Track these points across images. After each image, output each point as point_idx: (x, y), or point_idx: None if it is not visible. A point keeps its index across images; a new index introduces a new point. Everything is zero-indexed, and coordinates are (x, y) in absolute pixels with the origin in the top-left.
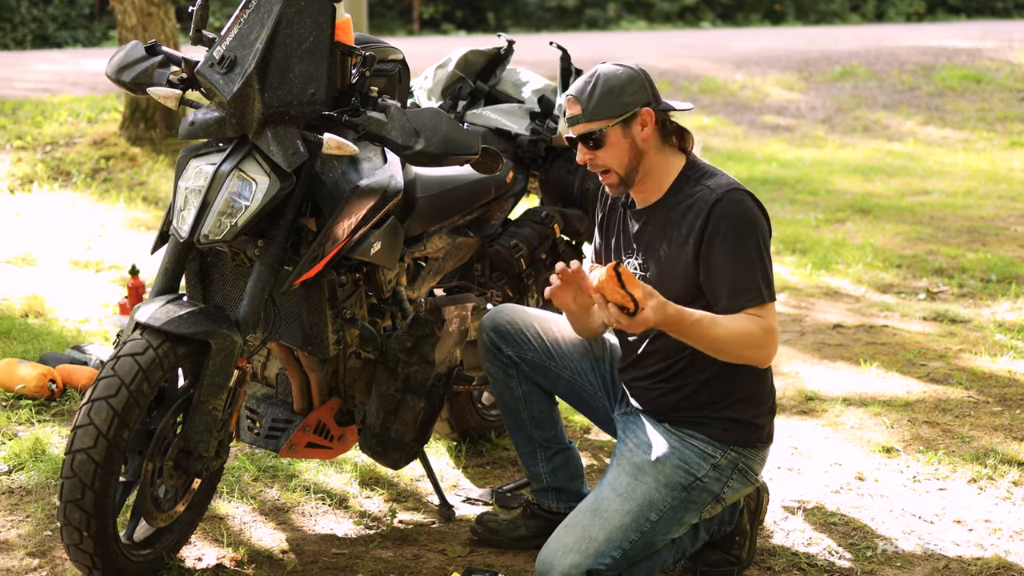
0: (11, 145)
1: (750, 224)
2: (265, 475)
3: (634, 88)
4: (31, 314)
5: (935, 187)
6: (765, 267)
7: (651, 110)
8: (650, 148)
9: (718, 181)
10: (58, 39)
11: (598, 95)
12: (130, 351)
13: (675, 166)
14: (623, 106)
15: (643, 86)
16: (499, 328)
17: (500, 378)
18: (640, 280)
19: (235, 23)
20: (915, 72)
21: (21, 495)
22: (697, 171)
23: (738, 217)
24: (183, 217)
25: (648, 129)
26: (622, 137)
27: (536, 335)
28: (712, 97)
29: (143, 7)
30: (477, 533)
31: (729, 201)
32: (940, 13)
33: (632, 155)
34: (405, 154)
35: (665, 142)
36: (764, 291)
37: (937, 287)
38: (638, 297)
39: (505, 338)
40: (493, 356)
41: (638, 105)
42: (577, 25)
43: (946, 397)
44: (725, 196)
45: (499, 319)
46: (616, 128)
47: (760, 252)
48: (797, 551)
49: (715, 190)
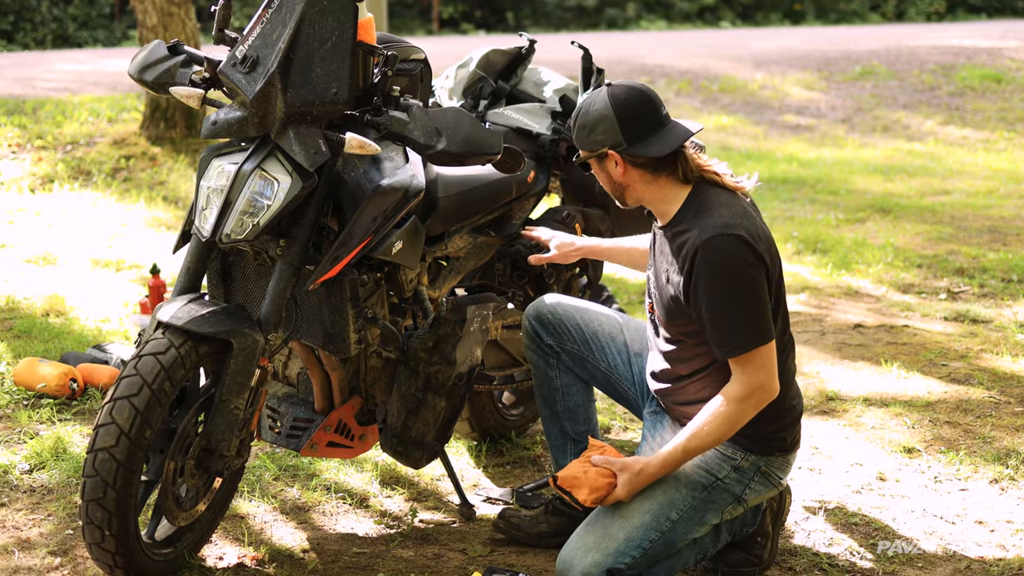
0: (32, 145)
1: (732, 273)
2: (286, 474)
3: (603, 128)
4: (52, 313)
5: (956, 187)
6: (750, 313)
7: (617, 153)
8: (632, 182)
9: (706, 223)
10: (78, 39)
11: (576, 128)
12: (152, 350)
13: (677, 195)
14: (593, 143)
15: (611, 127)
16: (541, 317)
17: (540, 367)
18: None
19: (257, 22)
20: (935, 72)
21: (43, 494)
22: (696, 203)
23: (718, 267)
24: (205, 216)
25: (620, 168)
26: (600, 170)
27: (576, 326)
28: (732, 97)
29: (163, 7)
30: (499, 529)
31: (712, 249)
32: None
33: (614, 186)
34: (427, 153)
35: (657, 174)
36: (746, 340)
37: (958, 287)
38: (596, 488)
39: (546, 327)
40: (535, 344)
41: (605, 146)
42: (596, 25)
43: (967, 397)
44: (708, 243)
45: (542, 308)
46: (593, 161)
47: (742, 299)
48: (818, 551)
49: (701, 234)
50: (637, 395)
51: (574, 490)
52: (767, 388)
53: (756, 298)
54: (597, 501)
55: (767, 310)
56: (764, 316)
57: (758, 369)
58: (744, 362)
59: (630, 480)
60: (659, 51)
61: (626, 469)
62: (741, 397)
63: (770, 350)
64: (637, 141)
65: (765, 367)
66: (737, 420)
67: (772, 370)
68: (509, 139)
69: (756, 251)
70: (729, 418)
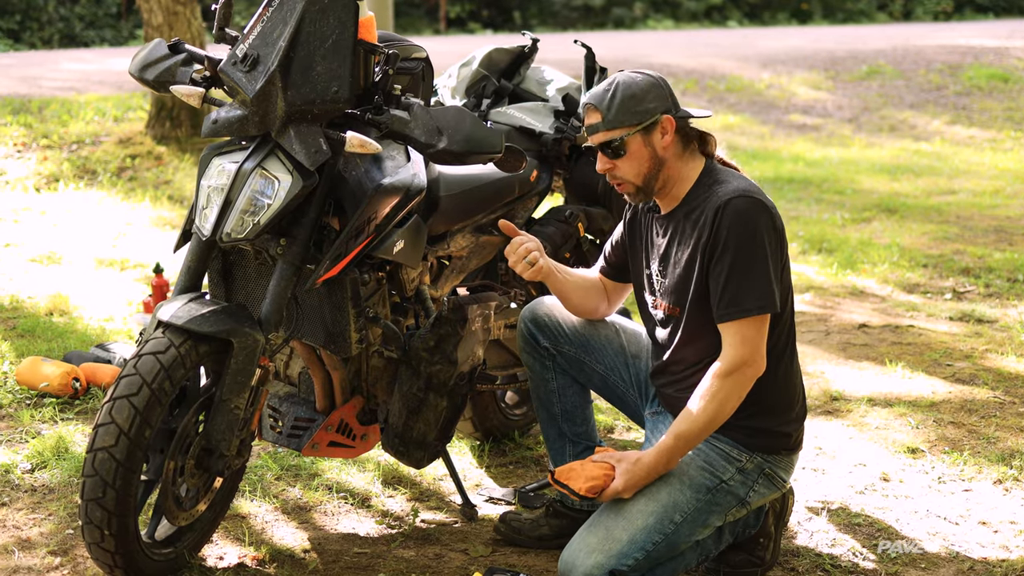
0: (37, 144)
1: (751, 234)
2: (287, 474)
3: (654, 95)
4: (56, 312)
5: (962, 187)
6: (758, 277)
7: (671, 117)
8: (670, 156)
9: (726, 188)
10: (85, 38)
11: (618, 102)
12: (152, 349)
13: (694, 172)
14: (643, 113)
15: (663, 93)
16: (537, 319)
17: (536, 369)
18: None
19: (258, 21)
20: (942, 71)
21: (44, 493)
22: (711, 177)
23: (739, 227)
24: (206, 215)
25: (668, 136)
26: (642, 145)
27: (572, 328)
28: (738, 96)
29: (169, 6)
30: (500, 532)
31: (732, 210)
32: (968, 12)
33: (652, 164)
34: (428, 152)
35: (685, 148)
36: (749, 302)
37: (964, 287)
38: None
39: (543, 330)
40: (531, 347)
41: (658, 112)
42: (603, 24)
43: (972, 398)
44: (729, 204)
45: (538, 311)
46: (636, 136)
47: (754, 261)
48: (821, 552)
49: (721, 197)
50: (636, 397)
51: (570, 481)
52: (751, 363)
53: (767, 264)
54: (593, 490)
55: (774, 280)
56: (771, 284)
57: (745, 342)
58: (735, 331)
59: (627, 470)
60: (666, 50)
61: (623, 460)
62: (726, 372)
63: (763, 323)
64: (678, 109)
65: (752, 341)
66: (723, 398)
67: (758, 346)
68: (511, 138)
69: (775, 221)
70: (715, 395)
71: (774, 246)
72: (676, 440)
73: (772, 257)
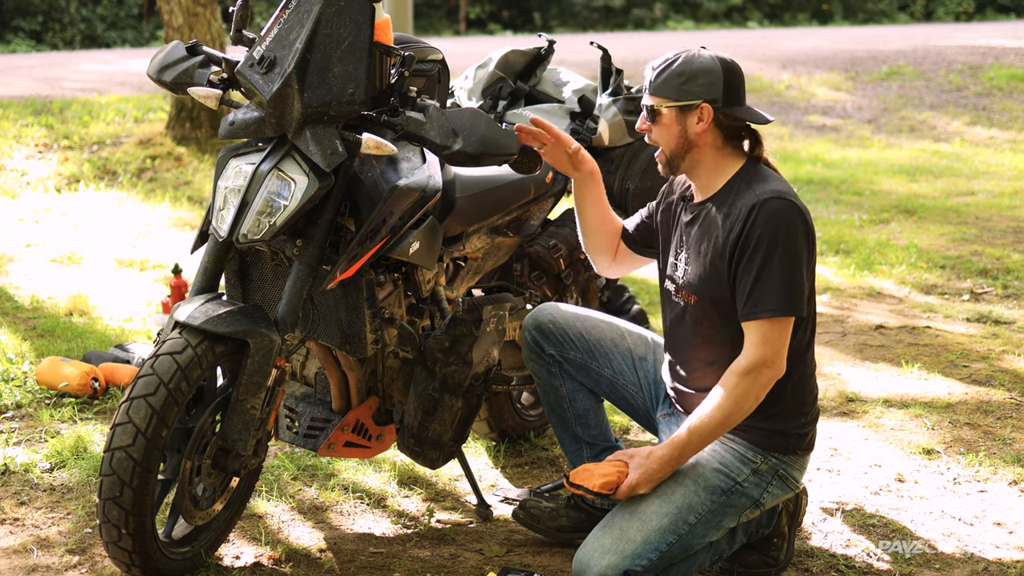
0: (58, 145)
1: (784, 236)
2: (304, 474)
3: (704, 80)
4: (75, 312)
5: (981, 188)
6: (787, 279)
7: (710, 107)
8: (704, 144)
9: (764, 187)
10: (106, 39)
11: (668, 73)
12: (169, 350)
13: (731, 167)
14: (685, 93)
15: (715, 82)
16: (541, 327)
17: (544, 377)
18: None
19: (275, 23)
20: (963, 72)
21: (62, 492)
22: (750, 174)
23: (773, 227)
24: (222, 216)
25: (703, 124)
26: (675, 122)
27: (578, 334)
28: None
29: (189, 7)
30: (518, 519)
31: (768, 210)
32: (990, 12)
33: (681, 142)
34: (443, 154)
35: (727, 143)
36: (775, 304)
37: (981, 288)
38: (606, 475)
39: (547, 337)
40: (536, 355)
41: (701, 98)
42: (624, 25)
43: (988, 399)
44: (765, 203)
45: (541, 318)
46: (672, 111)
47: (785, 263)
48: (835, 553)
49: (758, 196)
50: (645, 399)
51: (584, 481)
52: (771, 365)
53: (797, 267)
54: (607, 486)
55: (803, 284)
56: (799, 288)
57: (767, 343)
58: (758, 330)
59: (640, 464)
60: None
61: (636, 455)
62: (744, 370)
63: (787, 325)
64: (729, 105)
65: (774, 343)
66: (740, 395)
67: (780, 348)
68: None
69: (808, 227)
70: (731, 392)
71: (805, 251)
72: (690, 435)
73: (802, 260)
